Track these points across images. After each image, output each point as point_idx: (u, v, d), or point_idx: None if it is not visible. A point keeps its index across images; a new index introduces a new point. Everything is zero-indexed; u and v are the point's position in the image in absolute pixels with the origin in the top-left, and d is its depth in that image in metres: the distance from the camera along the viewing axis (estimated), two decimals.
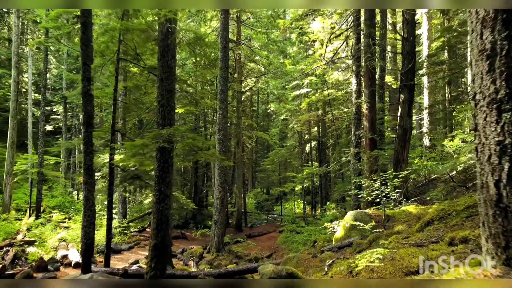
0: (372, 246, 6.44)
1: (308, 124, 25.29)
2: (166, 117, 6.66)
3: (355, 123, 13.02)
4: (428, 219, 5.46)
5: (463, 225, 4.55)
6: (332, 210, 27.89)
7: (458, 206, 5.23)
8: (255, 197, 33.81)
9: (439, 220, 5.24)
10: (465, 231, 3.52)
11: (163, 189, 6.58)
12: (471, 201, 5.17)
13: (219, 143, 13.96)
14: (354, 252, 6.69)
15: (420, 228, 5.54)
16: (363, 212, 8.34)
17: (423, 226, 5.47)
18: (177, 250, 13.98)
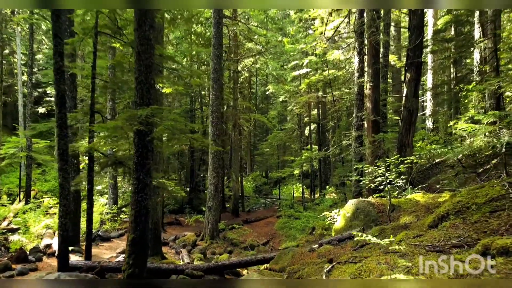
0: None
1: (308, 106, 24.44)
2: (144, 95, 5.86)
3: (357, 104, 12.20)
4: (443, 213, 4.73)
5: (487, 223, 3.82)
6: (332, 194, 27.41)
7: (479, 198, 4.50)
8: (253, 181, 33.22)
9: (456, 215, 4.52)
10: (506, 240, 2.79)
11: (141, 177, 5.84)
12: (494, 192, 4.44)
13: (213, 126, 13.18)
14: (356, 247, 6.01)
15: (433, 222, 4.82)
16: (365, 200, 7.64)
17: (437, 221, 4.75)
18: (169, 238, 13.39)
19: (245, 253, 12.91)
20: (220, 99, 13.52)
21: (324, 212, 8.67)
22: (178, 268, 7.24)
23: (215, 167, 13.16)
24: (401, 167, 7.46)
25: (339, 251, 6.15)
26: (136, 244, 5.77)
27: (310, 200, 22.61)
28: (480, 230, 3.69)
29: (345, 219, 7.79)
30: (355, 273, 3.28)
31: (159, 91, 10.61)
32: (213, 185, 13.15)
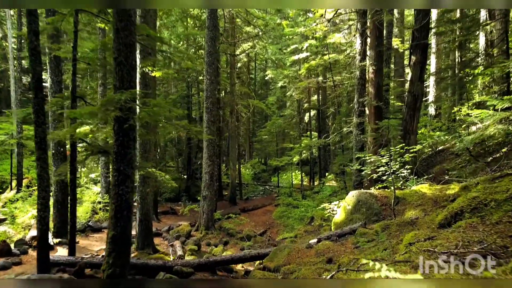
0: (380, 238, 5.24)
1: (308, 92, 23.76)
2: (124, 78, 5.27)
3: (359, 89, 11.58)
4: (456, 209, 4.21)
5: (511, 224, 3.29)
6: (331, 181, 26.96)
7: (498, 194, 3.97)
8: (252, 168, 32.74)
9: (472, 213, 3.99)
10: None
11: (122, 168, 5.30)
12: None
13: (207, 112, 12.58)
14: (358, 244, 5.51)
15: (444, 220, 4.29)
16: (367, 192, 7.12)
17: (449, 219, 4.23)
18: (163, 228, 12.94)
19: (241, 243, 12.48)
20: (215, 84, 12.88)
21: (323, 204, 8.16)
22: (166, 265, 6.77)
23: (210, 155, 12.62)
24: (406, 157, 6.91)
25: (339, 248, 5.65)
26: (116, 242, 5.27)
27: (309, 188, 22.16)
28: (504, 233, 3.16)
29: (345, 211, 7.28)
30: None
31: (150, 76, 9.99)
32: (208, 174, 12.63)
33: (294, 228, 14.04)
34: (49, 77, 10.43)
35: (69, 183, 7.48)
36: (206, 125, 12.60)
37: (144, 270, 6.85)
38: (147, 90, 9.69)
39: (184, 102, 23.33)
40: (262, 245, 12.57)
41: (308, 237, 11.69)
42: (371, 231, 5.67)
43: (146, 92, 9.61)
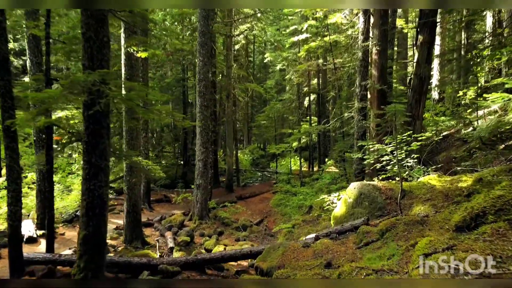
0: (386, 240, 4.65)
1: (307, 75, 22.92)
2: (94, 57, 4.58)
3: (361, 71, 10.84)
4: (477, 210, 3.58)
5: None
6: (331, 167, 26.39)
7: None
8: (250, 154, 32.16)
9: (497, 215, 3.37)
10: None
11: (94, 160, 4.66)
12: None
13: (200, 96, 11.87)
14: (361, 244, 4.92)
15: (462, 222, 3.67)
16: (370, 184, 6.51)
17: (469, 221, 3.60)
18: (155, 218, 12.40)
19: (236, 234, 11.98)
20: (208, 66, 12.12)
21: (322, 195, 7.56)
22: (151, 263, 6.21)
23: (203, 142, 11.97)
24: (413, 145, 6.26)
25: (339, 248, 5.07)
26: (88, 243, 4.67)
27: (308, 174, 21.60)
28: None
29: (346, 205, 6.69)
30: None
31: (136, 57, 9.24)
32: (201, 161, 12.02)
33: (292, 216, 13.52)
34: (28, 58, 9.69)
35: (46, 173, 6.85)
36: (199, 110, 11.91)
37: (128, 268, 6.31)
38: (132, 72, 8.98)
39: (179, 86, 22.51)
40: (258, 235, 12.08)
41: (306, 228, 11.18)
42: (375, 229, 5.07)
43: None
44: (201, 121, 11.84)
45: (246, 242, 10.63)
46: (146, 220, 12.00)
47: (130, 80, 8.94)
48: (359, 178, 10.54)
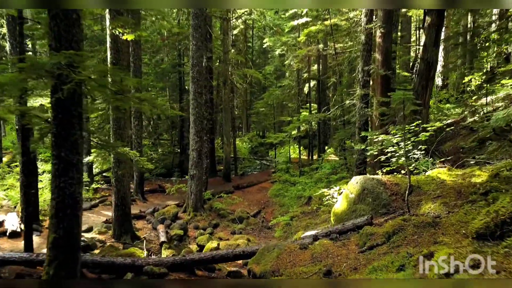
0: (393, 244, 4.14)
1: (307, 61, 22.20)
2: (62, 36, 3.99)
3: (364, 56, 10.17)
4: (503, 216, 3.05)
5: None
6: (331, 155, 25.88)
7: None
8: (249, 142, 31.60)
9: None
10: None
11: (64, 154, 4.12)
12: None
13: (194, 83, 11.25)
14: (364, 248, 4.41)
15: (485, 229, 3.15)
16: (374, 178, 5.97)
17: (493, 228, 3.08)
18: (148, 210, 11.92)
19: (232, 226, 11.53)
20: (202, 51, 11.47)
21: (321, 189, 7.03)
22: (136, 264, 5.74)
23: (197, 130, 11.41)
24: (421, 136, 5.70)
25: (340, 251, 4.57)
26: (59, 247, 4.17)
27: (307, 163, 21.09)
28: None
29: (347, 200, 6.17)
30: None
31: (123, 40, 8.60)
32: (195, 151, 11.47)
33: (290, 208, 13.07)
34: (7, 40, 9.06)
35: (21, 167, 6.32)
36: (192, 97, 11.31)
37: (111, 269, 5.83)
38: (119, 57, 8.36)
39: (174, 72, 21.80)
40: (255, 227, 11.63)
41: (304, 220, 10.71)
42: (380, 231, 4.56)
43: (117, 58, 8.31)
44: (195, 109, 11.26)
45: (241, 236, 10.17)
46: (138, 212, 11.55)
47: (117, 65, 8.34)
48: (361, 169, 10.03)
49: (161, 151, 25.07)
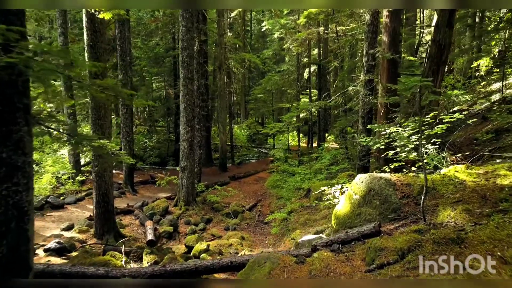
0: (408, 265, 3.40)
1: (307, 45, 21.20)
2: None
3: (369, 38, 9.31)
4: None
5: None
6: (331, 143, 25.14)
7: None
8: (247, 129, 30.77)
9: None
10: None
11: (6, 155, 3.36)
12: None
13: (184, 67, 10.38)
14: (373, 266, 3.68)
15: None
16: (382, 178, 5.21)
17: None
18: (136, 203, 11.21)
19: (226, 221, 10.87)
20: (193, 32, 10.57)
21: (322, 187, 6.27)
22: (109, 274, 5.03)
23: (188, 119, 10.61)
24: (437, 129, 4.91)
25: (343, 269, 3.84)
26: (1, 268, 3.43)
27: (307, 151, 20.35)
28: None
29: (351, 202, 5.42)
30: None
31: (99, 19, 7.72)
32: (186, 141, 10.70)
33: (288, 200, 12.39)
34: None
35: None
36: (182, 83, 10.47)
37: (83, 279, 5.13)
38: (97, 38, 7.50)
39: (168, 56, 20.83)
40: (251, 222, 10.96)
41: (303, 215, 10.00)
42: (391, 245, 3.82)
43: (95, 40, 7.45)
44: (185, 96, 10.43)
45: (235, 233, 9.51)
46: (125, 207, 10.84)
47: (94, 48, 7.49)
48: (364, 162, 9.28)
49: (157, 138, 24.25)
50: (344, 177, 10.40)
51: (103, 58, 7.65)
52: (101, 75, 7.61)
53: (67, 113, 12.26)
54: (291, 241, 8.05)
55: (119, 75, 12.48)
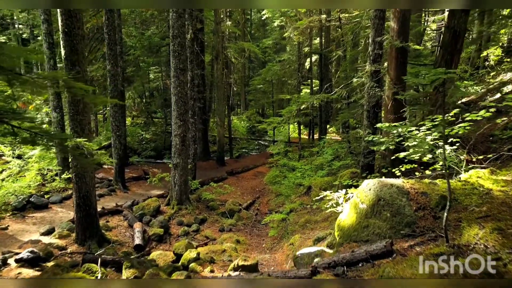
0: None
1: (309, 33, 20.31)
2: None
3: (376, 24, 8.47)
4: None
5: None
6: (333, 134, 24.41)
7: None
8: (247, 120, 29.98)
9: None
10: None
11: None
12: None
13: (175, 57, 9.62)
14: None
15: None
16: (393, 185, 4.49)
17: None
18: (126, 203, 10.52)
19: (221, 221, 10.23)
20: (184, 19, 9.77)
21: (323, 192, 5.57)
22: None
23: (180, 113, 9.88)
24: (458, 128, 4.18)
25: None
26: None
27: (308, 144, 19.64)
28: None
29: (357, 212, 4.72)
30: None
31: None
32: (178, 137, 9.99)
33: (288, 198, 11.74)
34: None
35: None
36: (173, 74, 9.72)
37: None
38: (73, 24, 6.73)
39: (164, 45, 19.98)
40: (247, 222, 10.32)
41: (303, 216, 9.31)
42: (408, 274, 3.12)
43: (71, 26, 6.70)
44: (176, 88, 9.69)
45: (230, 236, 8.87)
46: (114, 206, 10.19)
47: (70, 34, 6.73)
48: (369, 160, 8.56)
49: (153, 130, 23.49)
50: (347, 175, 9.70)
51: (80, 46, 6.88)
52: (79, 65, 6.88)
53: (53, 105, 11.52)
54: (289, 246, 7.40)
55: (107, 65, 11.70)
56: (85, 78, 7.09)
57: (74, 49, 6.81)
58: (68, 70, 6.85)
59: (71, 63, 6.84)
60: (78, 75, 6.84)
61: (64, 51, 6.83)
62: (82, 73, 6.98)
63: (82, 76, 6.99)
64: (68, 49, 6.79)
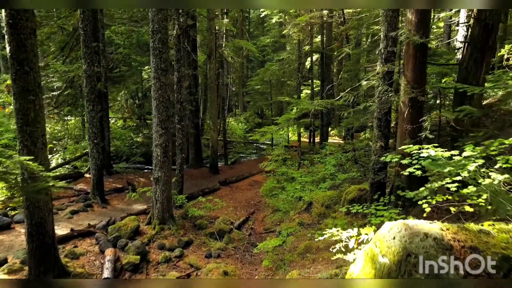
0: None
1: (309, 31, 19.01)
2: None
3: (388, 17, 7.19)
4: None
5: None
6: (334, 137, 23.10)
7: None
8: (246, 122, 28.70)
9: None
10: None
11: None
12: None
13: (155, 55, 8.34)
14: None
15: None
16: (428, 235, 3.18)
17: None
18: (100, 223, 9.19)
19: (209, 244, 8.95)
20: (166, 12, 8.51)
21: (328, 230, 4.31)
22: None
23: (161, 120, 8.59)
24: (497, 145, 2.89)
25: None
26: None
27: (308, 149, 18.36)
28: None
29: (375, 267, 3.43)
30: None
31: None
32: (159, 147, 8.71)
33: (286, 214, 10.47)
34: None
35: None
36: (154, 75, 8.46)
37: None
38: (17, 13, 5.46)
39: None
40: (239, 245, 9.04)
41: (303, 241, 8.07)
42: None
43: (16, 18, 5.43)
44: (157, 91, 8.43)
45: (217, 265, 7.60)
46: (85, 227, 8.91)
47: (16, 27, 5.45)
48: (381, 178, 7.27)
49: (146, 133, 22.21)
50: (354, 192, 8.43)
51: (30, 42, 5.61)
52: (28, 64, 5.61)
53: None
54: None
55: (83, 64, 10.42)
56: (37, 80, 5.80)
57: (21, 45, 5.55)
58: (15, 70, 5.59)
59: (17, 62, 5.57)
60: (26, 76, 5.60)
61: (9, 47, 5.56)
62: (32, 74, 5.72)
63: (33, 78, 5.74)
64: (14, 45, 5.53)
